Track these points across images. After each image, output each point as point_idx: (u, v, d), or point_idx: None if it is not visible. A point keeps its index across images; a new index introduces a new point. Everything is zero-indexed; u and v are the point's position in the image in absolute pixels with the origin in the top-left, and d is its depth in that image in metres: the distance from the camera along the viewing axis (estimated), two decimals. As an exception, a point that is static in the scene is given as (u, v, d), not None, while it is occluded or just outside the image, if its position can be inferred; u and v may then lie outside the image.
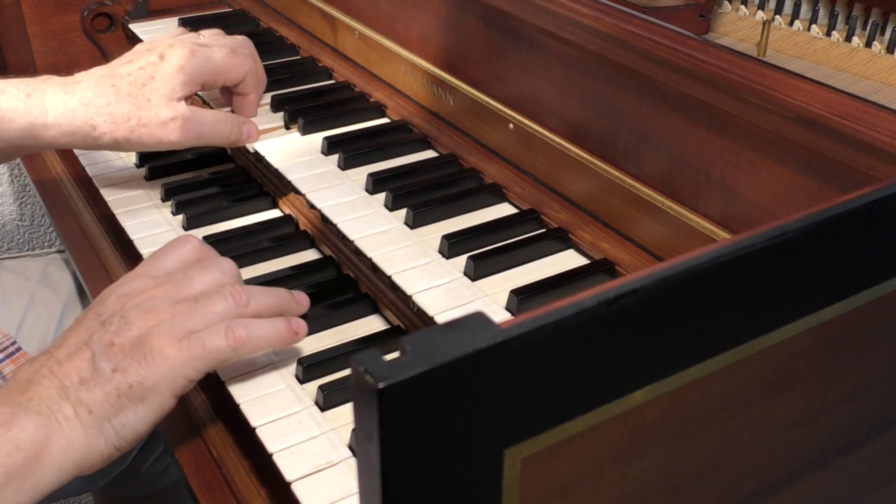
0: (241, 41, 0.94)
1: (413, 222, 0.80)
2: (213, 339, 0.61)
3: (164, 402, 0.61)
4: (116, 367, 0.59)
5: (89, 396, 0.58)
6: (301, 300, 0.71)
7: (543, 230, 0.80)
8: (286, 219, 0.90)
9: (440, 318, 0.69)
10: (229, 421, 0.71)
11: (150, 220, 0.89)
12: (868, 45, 0.84)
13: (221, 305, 0.63)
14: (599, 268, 0.74)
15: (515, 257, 0.75)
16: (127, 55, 0.88)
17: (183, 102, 0.87)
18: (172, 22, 1.25)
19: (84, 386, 0.59)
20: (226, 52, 0.90)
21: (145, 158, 0.99)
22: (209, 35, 0.94)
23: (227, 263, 0.67)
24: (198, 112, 0.88)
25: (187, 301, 0.63)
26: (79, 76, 0.85)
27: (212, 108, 0.99)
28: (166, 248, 0.69)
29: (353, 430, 0.60)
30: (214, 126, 0.88)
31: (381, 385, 0.31)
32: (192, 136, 0.87)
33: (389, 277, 0.73)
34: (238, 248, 0.84)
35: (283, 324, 0.65)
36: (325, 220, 0.82)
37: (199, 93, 0.99)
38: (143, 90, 0.84)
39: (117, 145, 0.86)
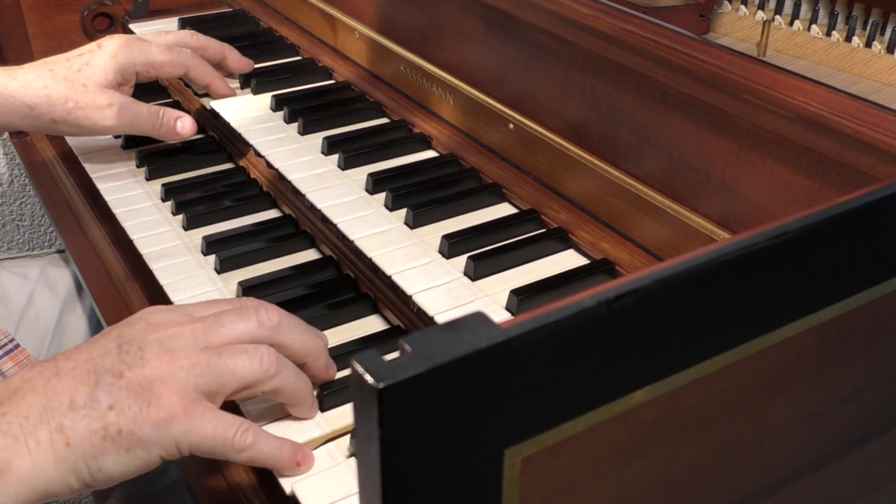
0: (181, 36, 1.02)
1: (413, 222, 0.80)
2: (226, 429, 0.56)
3: (150, 460, 0.55)
4: (114, 404, 0.54)
5: (72, 427, 0.53)
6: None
7: (543, 230, 0.80)
8: (286, 219, 0.90)
9: (440, 318, 0.68)
10: (229, 421, 0.71)
11: (150, 220, 0.89)
12: (868, 45, 0.84)
13: (243, 368, 0.57)
14: (599, 268, 0.74)
15: (515, 257, 0.75)
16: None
17: (119, 91, 0.93)
18: (172, 22, 1.25)
19: (72, 413, 0.53)
20: (162, 48, 0.96)
21: (145, 158, 0.99)
22: (160, 34, 1.01)
23: (267, 313, 0.61)
24: (134, 102, 0.93)
25: (209, 351, 0.57)
26: (25, 65, 0.92)
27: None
28: (222, 300, 0.64)
29: (353, 431, 0.60)
30: (149, 117, 0.94)
31: (381, 385, 0.31)
32: (125, 123, 0.92)
33: (389, 277, 0.73)
34: (238, 247, 0.84)
35: (288, 449, 0.59)
36: (324, 220, 0.82)
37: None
38: (78, 75, 0.90)
39: (55, 126, 0.91)
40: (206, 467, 0.68)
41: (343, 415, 0.65)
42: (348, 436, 0.64)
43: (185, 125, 0.96)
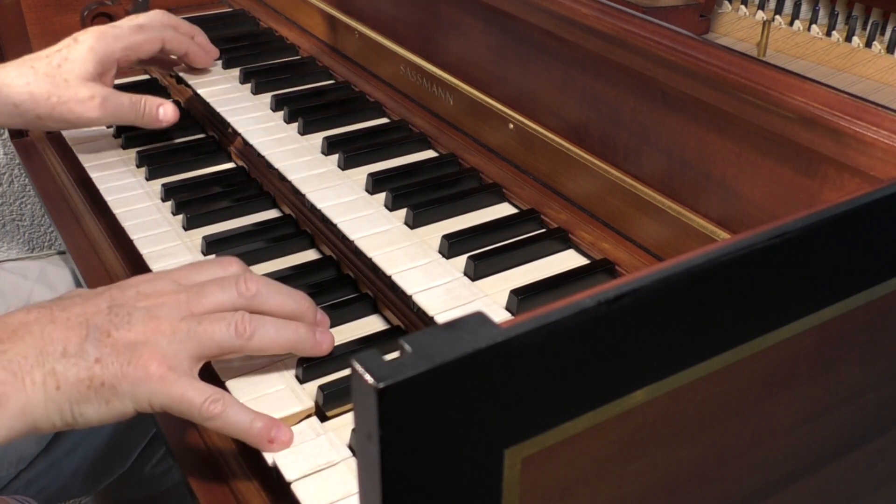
0: (151, 15, 1.03)
1: (413, 222, 0.80)
2: (196, 396, 0.60)
3: (125, 411, 0.60)
4: (100, 358, 0.59)
5: (63, 372, 0.58)
6: (322, 341, 0.67)
7: (543, 230, 0.80)
8: (286, 219, 0.90)
9: (440, 318, 0.69)
10: (229, 421, 0.71)
11: (150, 220, 0.89)
12: (868, 45, 0.84)
13: (220, 334, 0.62)
14: (599, 268, 0.74)
15: (515, 257, 0.75)
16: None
17: (101, 82, 0.95)
18: (172, 22, 1.24)
19: (64, 359, 0.59)
20: (134, 29, 0.98)
21: (145, 158, 0.99)
22: (132, 17, 1.02)
23: (246, 284, 0.65)
24: (116, 93, 0.95)
25: (190, 319, 0.62)
26: (6, 63, 0.93)
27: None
28: (207, 262, 0.68)
29: (353, 430, 0.60)
30: (131, 107, 0.95)
31: (381, 385, 0.31)
32: (109, 114, 0.94)
33: (389, 277, 0.73)
34: (238, 248, 0.84)
35: (261, 425, 0.61)
36: (324, 220, 0.82)
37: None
38: (59, 71, 0.92)
39: (41, 122, 0.93)
40: (206, 467, 0.68)
41: (342, 415, 0.65)
42: (349, 427, 0.64)
43: (166, 112, 0.97)
